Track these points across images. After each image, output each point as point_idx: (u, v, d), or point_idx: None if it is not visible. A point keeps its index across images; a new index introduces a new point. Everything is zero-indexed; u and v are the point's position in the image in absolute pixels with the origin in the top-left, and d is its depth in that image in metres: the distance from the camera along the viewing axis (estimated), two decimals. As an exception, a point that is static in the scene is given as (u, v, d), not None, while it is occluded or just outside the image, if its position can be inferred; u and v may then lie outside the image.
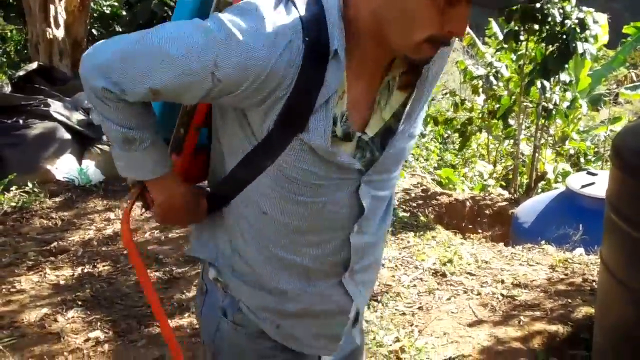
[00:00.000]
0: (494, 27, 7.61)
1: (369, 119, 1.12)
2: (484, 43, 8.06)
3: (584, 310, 2.93)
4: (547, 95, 5.79)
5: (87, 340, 2.84)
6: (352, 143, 1.11)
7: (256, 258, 1.20)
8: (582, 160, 7.47)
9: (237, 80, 0.99)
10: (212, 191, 1.24)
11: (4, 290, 3.31)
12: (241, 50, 0.96)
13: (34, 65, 5.99)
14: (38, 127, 5.00)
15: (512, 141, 7.34)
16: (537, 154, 6.41)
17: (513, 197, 5.87)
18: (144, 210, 1.30)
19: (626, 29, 8.24)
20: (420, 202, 5.33)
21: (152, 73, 1.00)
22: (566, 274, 3.41)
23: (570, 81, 6.27)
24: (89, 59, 1.06)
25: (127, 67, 1.01)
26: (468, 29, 8.13)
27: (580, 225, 3.97)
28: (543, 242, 3.97)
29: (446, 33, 0.98)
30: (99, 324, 2.97)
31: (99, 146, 5.22)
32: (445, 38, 1.00)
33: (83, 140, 5.22)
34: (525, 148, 7.30)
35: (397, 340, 2.74)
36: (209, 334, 1.29)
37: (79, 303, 3.16)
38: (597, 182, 4.35)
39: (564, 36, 5.54)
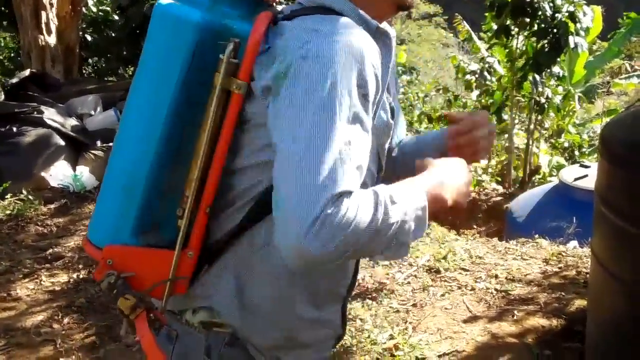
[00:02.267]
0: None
1: None
2: (480, 38, 8.06)
3: (578, 303, 2.94)
4: (540, 89, 5.80)
5: (82, 346, 2.85)
6: None
7: (280, 287, 1.10)
8: (577, 153, 7.48)
9: (372, 89, 0.98)
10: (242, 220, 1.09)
11: (-1, 298, 3.31)
12: (356, 67, 0.95)
13: (26, 72, 5.99)
14: (32, 134, 5.01)
15: (506, 136, 7.35)
16: (530, 148, 6.42)
17: (507, 192, 5.88)
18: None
19: (622, 20, 8.25)
20: (415, 199, 5.32)
21: (352, 158, 0.92)
22: (560, 268, 3.41)
23: (563, 74, 6.27)
24: (334, 230, 0.88)
25: (336, 170, 0.90)
26: (464, 23, 8.20)
27: (574, 218, 3.98)
28: (537, 236, 3.97)
29: None
30: (94, 329, 2.98)
31: (93, 152, 5.22)
32: None
33: (77, 147, 5.22)
34: (520, 142, 7.30)
35: (391, 337, 2.75)
36: None
37: (75, 309, 3.17)
38: (590, 175, 4.34)
39: (555, 30, 5.55)
